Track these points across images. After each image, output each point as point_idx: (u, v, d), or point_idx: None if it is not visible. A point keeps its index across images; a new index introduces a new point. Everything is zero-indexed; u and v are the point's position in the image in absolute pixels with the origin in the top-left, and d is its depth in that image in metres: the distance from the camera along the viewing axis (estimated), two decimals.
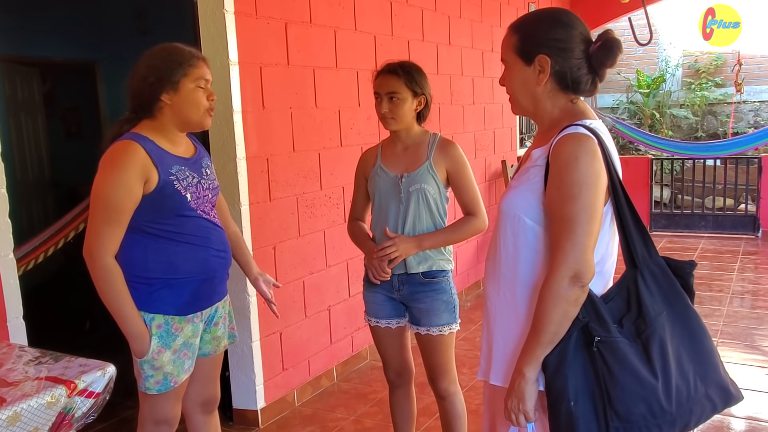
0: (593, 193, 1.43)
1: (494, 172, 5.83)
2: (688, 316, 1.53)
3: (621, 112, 10.12)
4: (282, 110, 3.40)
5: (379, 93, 2.37)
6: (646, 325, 1.46)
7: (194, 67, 1.96)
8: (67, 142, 7.01)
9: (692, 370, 1.49)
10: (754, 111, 9.65)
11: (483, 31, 5.50)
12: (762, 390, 3.50)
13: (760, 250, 6.84)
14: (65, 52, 6.36)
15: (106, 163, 1.93)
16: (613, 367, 1.42)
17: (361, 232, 2.51)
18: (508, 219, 1.57)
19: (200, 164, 2.11)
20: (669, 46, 10.01)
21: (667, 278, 1.52)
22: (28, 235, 3.56)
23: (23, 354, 1.81)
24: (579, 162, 1.43)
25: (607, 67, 1.55)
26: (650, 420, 1.43)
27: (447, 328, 2.40)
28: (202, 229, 2.04)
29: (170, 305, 1.99)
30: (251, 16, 3.16)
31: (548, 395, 1.46)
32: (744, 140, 7.33)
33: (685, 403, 1.47)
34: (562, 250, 1.42)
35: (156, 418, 2.09)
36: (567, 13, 1.57)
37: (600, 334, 1.43)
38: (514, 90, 1.61)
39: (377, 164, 2.44)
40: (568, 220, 1.42)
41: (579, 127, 1.47)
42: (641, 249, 1.50)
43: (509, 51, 1.59)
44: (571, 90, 1.56)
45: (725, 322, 4.57)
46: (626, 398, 1.41)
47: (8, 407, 1.45)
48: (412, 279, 2.38)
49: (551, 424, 1.46)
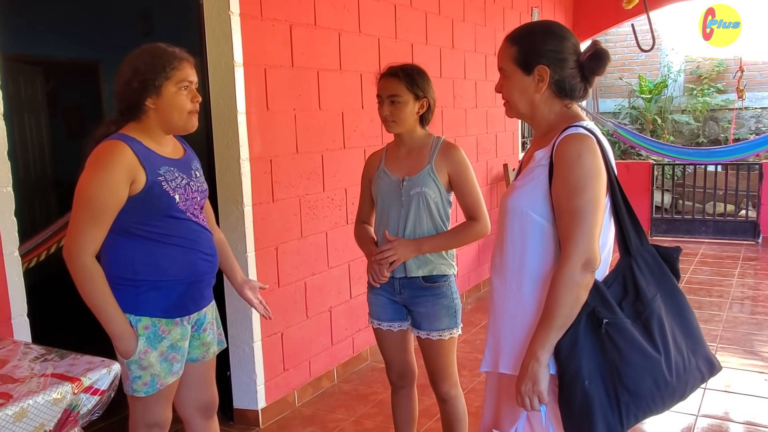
0: (597, 187, 1.56)
1: (496, 175, 5.85)
2: (677, 296, 1.68)
3: (623, 117, 10.14)
4: (286, 112, 3.41)
5: (380, 96, 2.37)
6: (644, 306, 1.59)
7: (176, 69, 1.93)
8: (69, 142, 7.03)
9: (685, 344, 1.64)
10: (756, 117, 9.67)
11: (486, 35, 5.52)
12: (761, 395, 3.51)
13: (760, 256, 6.85)
14: (69, 52, 6.39)
15: (93, 163, 1.90)
16: (622, 346, 1.54)
17: (365, 234, 2.51)
18: (515, 215, 1.67)
19: (189, 166, 2.08)
20: (671, 51, 10.03)
21: (658, 264, 1.67)
22: (30, 233, 3.58)
23: (29, 351, 1.83)
24: (583, 159, 1.55)
25: (597, 75, 1.68)
26: (656, 392, 1.56)
27: (447, 332, 2.39)
28: (191, 231, 2.01)
29: (157, 307, 1.97)
30: (256, 18, 3.18)
31: (561, 378, 1.55)
32: (745, 146, 7.34)
33: (683, 374, 1.61)
34: (573, 239, 1.53)
35: (147, 422, 2.07)
36: (559, 26, 1.71)
37: (607, 317, 1.55)
38: (513, 97, 1.72)
39: (381, 167, 2.45)
40: (576, 212, 1.54)
41: (579, 128, 1.60)
42: (634, 238, 1.64)
43: (508, 61, 1.70)
44: (567, 96, 1.68)
45: (725, 328, 4.57)
46: (635, 374, 1.54)
47: (15, 403, 1.46)
48: (412, 283, 2.38)
49: (564, 406, 1.56)
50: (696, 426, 3.18)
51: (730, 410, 3.34)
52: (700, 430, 3.16)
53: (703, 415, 3.28)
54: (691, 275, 6.05)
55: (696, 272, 6.18)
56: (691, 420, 3.23)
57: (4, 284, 2.30)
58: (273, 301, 3.39)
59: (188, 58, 1.99)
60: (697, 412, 3.30)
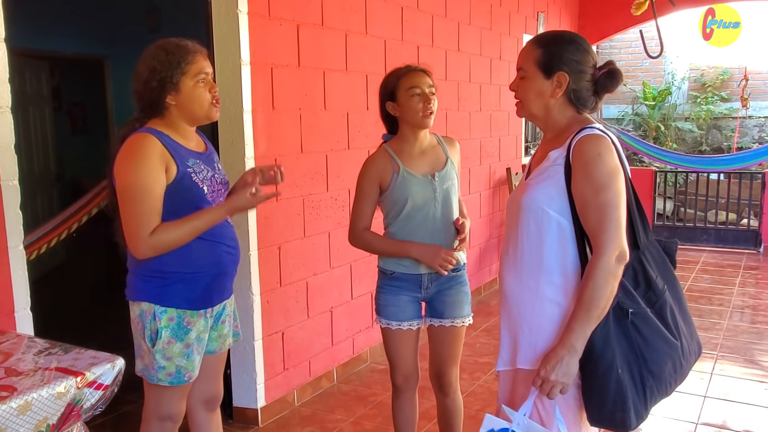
0: (620, 182, 1.63)
1: (499, 179, 5.85)
2: (676, 285, 1.79)
3: (626, 123, 10.13)
4: (291, 111, 3.41)
5: (420, 88, 2.38)
6: (656, 296, 1.69)
7: (191, 63, 1.97)
8: (72, 137, 7.05)
9: (686, 329, 1.74)
10: (759, 126, 9.66)
11: (492, 39, 5.53)
12: (761, 405, 3.51)
13: (761, 265, 6.84)
14: (75, 47, 6.39)
15: (126, 156, 1.93)
16: (646, 333, 1.63)
17: (387, 239, 2.49)
18: (531, 213, 1.71)
19: (212, 159, 2.15)
20: (676, 59, 10.03)
21: (661, 256, 1.78)
22: (33, 226, 3.58)
23: (33, 345, 1.83)
24: (603, 157, 1.62)
25: (609, 92, 1.76)
26: (672, 375, 1.67)
27: (468, 319, 2.54)
28: (216, 224, 2.05)
29: (183, 299, 2.01)
30: (264, 17, 3.18)
31: (596, 367, 1.61)
32: (748, 155, 7.34)
33: (689, 357, 1.72)
34: (607, 232, 1.59)
35: (161, 414, 2.10)
36: (584, 40, 1.77)
37: (632, 307, 1.63)
38: (528, 98, 1.77)
39: (400, 170, 2.43)
40: (605, 206, 1.60)
41: (594, 129, 1.67)
42: (642, 233, 1.73)
43: (530, 62, 1.74)
44: (580, 106, 1.75)
45: (725, 336, 4.57)
46: (659, 359, 1.64)
47: (19, 396, 1.46)
48: (439, 275, 2.45)
49: (597, 397, 1.61)
50: None
51: (730, 419, 3.33)
52: None
53: (703, 423, 3.27)
54: (692, 283, 6.04)
55: (697, 280, 6.18)
56: (691, 428, 3.23)
57: (8, 277, 2.30)
58: (275, 300, 3.39)
59: (201, 50, 2.02)
60: (697, 420, 3.30)
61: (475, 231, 5.45)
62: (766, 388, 3.73)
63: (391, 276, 2.48)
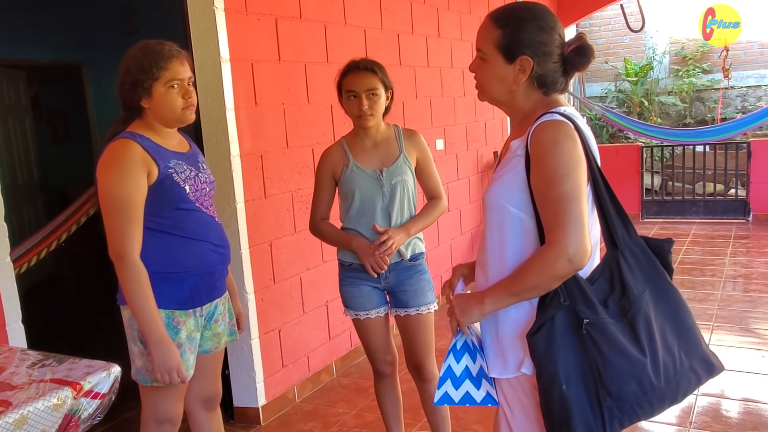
0: (579, 174, 1.46)
1: (486, 163, 5.84)
2: (669, 292, 1.56)
3: (610, 100, 10.16)
4: (275, 106, 3.38)
5: (355, 91, 2.38)
6: (630, 303, 1.49)
7: (164, 69, 1.95)
8: (55, 145, 6.96)
9: (677, 345, 1.53)
10: (742, 96, 9.71)
11: (472, 23, 5.50)
12: (758, 372, 3.54)
13: (751, 234, 6.89)
14: (52, 54, 6.31)
15: (107, 165, 1.94)
16: (603, 347, 1.44)
17: (337, 230, 2.54)
18: (493, 210, 1.59)
19: (196, 159, 2.14)
20: (656, 33, 10.04)
21: (648, 257, 1.56)
22: (19, 239, 3.54)
23: (26, 357, 1.80)
24: (560, 145, 1.45)
25: (579, 71, 1.58)
26: (641, 396, 1.46)
27: (433, 305, 2.54)
28: (200, 223, 2.05)
29: (171, 299, 2.00)
30: (241, 12, 3.14)
31: (539, 380, 1.47)
32: (732, 126, 7.37)
33: (673, 377, 1.50)
34: (562, 228, 1.43)
35: (159, 417, 2.09)
36: (549, 14, 1.58)
37: (588, 317, 1.45)
38: (489, 82, 1.61)
39: (350, 163, 2.46)
40: (561, 200, 1.43)
41: (555, 114, 1.50)
42: (621, 230, 1.54)
43: (489, 44, 1.57)
44: (547, 89, 1.58)
45: (719, 306, 4.60)
46: (618, 377, 1.44)
47: (15, 410, 1.44)
48: (398, 265, 2.47)
49: (544, 410, 1.47)
50: (696, 404, 3.20)
51: (728, 388, 3.36)
52: (700, 408, 3.17)
53: (703, 393, 3.29)
54: (683, 256, 6.08)
55: (688, 252, 6.22)
56: (691, 399, 3.25)
57: None
58: (269, 297, 3.38)
59: (177, 55, 1.99)
60: (697, 391, 3.32)
61: (465, 217, 5.45)
62: (763, 356, 3.76)
63: (349, 267, 2.51)
